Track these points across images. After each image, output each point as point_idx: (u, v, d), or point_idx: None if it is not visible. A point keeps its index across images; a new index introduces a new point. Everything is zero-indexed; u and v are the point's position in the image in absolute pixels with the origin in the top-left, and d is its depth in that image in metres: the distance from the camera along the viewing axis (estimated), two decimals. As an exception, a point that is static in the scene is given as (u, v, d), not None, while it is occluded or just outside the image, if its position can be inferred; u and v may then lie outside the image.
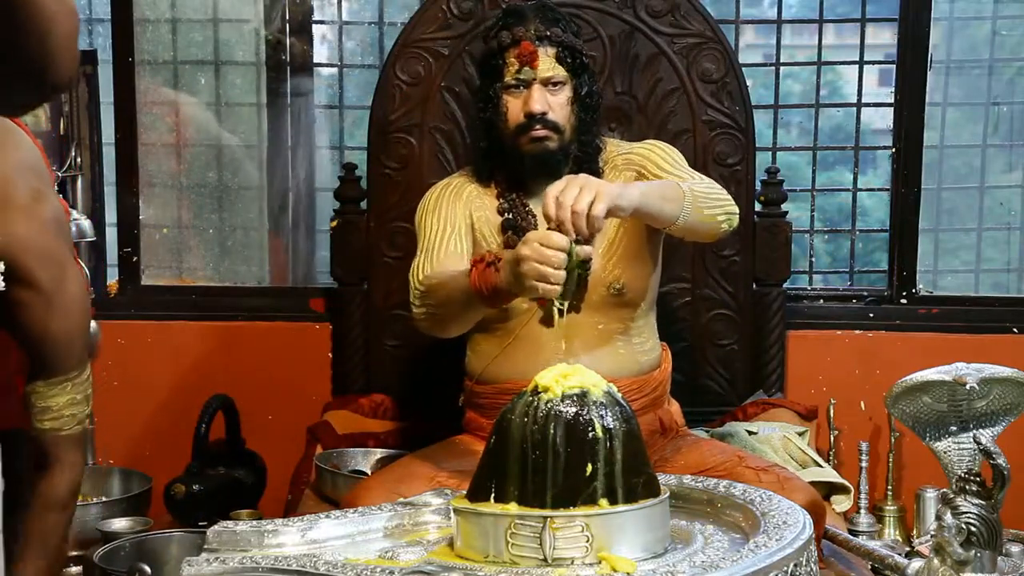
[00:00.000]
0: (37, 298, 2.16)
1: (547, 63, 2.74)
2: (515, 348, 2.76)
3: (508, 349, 2.77)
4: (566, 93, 2.76)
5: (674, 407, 2.92)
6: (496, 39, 2.78)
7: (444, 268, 2.68)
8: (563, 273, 2.30)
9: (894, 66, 3.70)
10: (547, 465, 1.98)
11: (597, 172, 2.78)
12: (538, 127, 2.73)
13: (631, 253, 2.79)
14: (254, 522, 2.11)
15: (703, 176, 2.79)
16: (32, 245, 2.16)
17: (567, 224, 2.30)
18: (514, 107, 2.76)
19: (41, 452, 2.27)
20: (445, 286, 2.60)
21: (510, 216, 2.81)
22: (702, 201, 2.60)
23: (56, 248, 2.22)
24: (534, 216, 2.78)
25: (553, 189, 2.34)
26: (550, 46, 2.74)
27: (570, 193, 2.31)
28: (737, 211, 2.71)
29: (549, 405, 2.01)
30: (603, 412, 2.01)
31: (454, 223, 2.80)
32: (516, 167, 2.80)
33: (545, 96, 2.74)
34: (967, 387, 2.54)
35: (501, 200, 2.83)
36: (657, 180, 2.68)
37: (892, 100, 3.72)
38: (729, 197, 2.70)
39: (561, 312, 2.37)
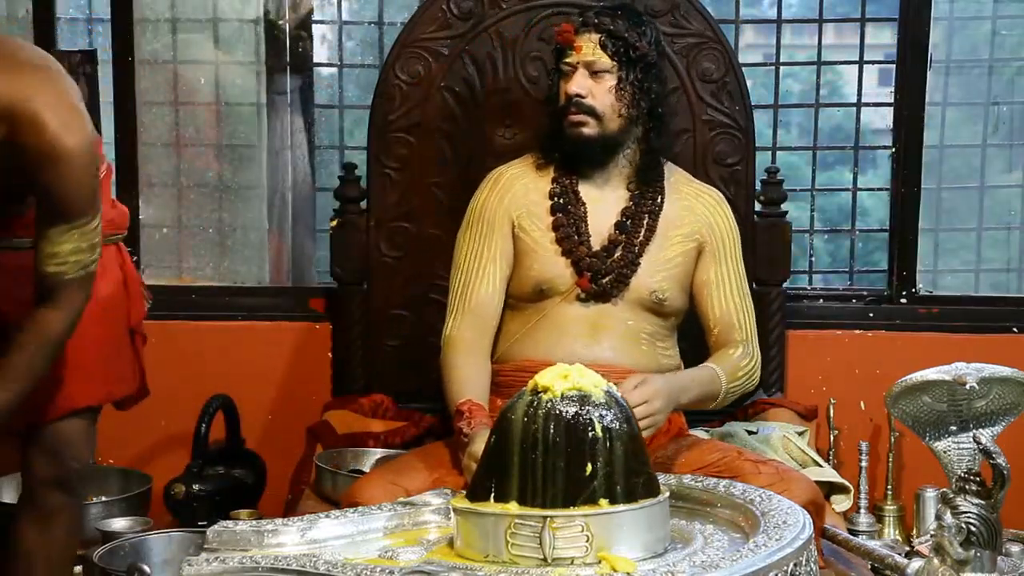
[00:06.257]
0: (43, 143, 2.26)
1: (589, 48, 2.77)
2: (541, 327, 2.81)
3: (533, 328, 2.82)
4: (610, 81, 2.78)
5: (680, 414, 2.94)
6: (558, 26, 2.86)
7: (476, 318, 2.80)
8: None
9: (894, 66, 3.70)
10: (547, 465, 1.99)
11: (659, 190, 2.85)
12: (574, 110, 2.78)
13: (681, 276, 2.87)
14: (254, 522, 2.11)
15: (746, 292, 2.90)
16: (42, 91, 2.28)
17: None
18: (561, 90, 2.81)
19: (45, 290, 2.39)
20: (448, 378, 2.76)
21: (560, 200, 2.85)
22: (732, 392, 2.78)
23: (67, 98, 2.33)
24: (584, 205, 2.84)
25: (633, 379, 2.52)
26: (595, 32, 2.77)
27: (640, 394, 2.47)
28: (758, 379, 2.87)
29: (549, 405, 2.02)
30: (603, 412, 2.02)
31: (491, 243, 2.85)
32: (566, 150, 2.85)
33: (587, 82, 2.77)
34: (967, 387, 2.55)
35: (555, 184, 2.87)
36: (705, 375, 2.75)
37: (892, 100, 3.71)
38: (758, 363, 2.85)
39: None
